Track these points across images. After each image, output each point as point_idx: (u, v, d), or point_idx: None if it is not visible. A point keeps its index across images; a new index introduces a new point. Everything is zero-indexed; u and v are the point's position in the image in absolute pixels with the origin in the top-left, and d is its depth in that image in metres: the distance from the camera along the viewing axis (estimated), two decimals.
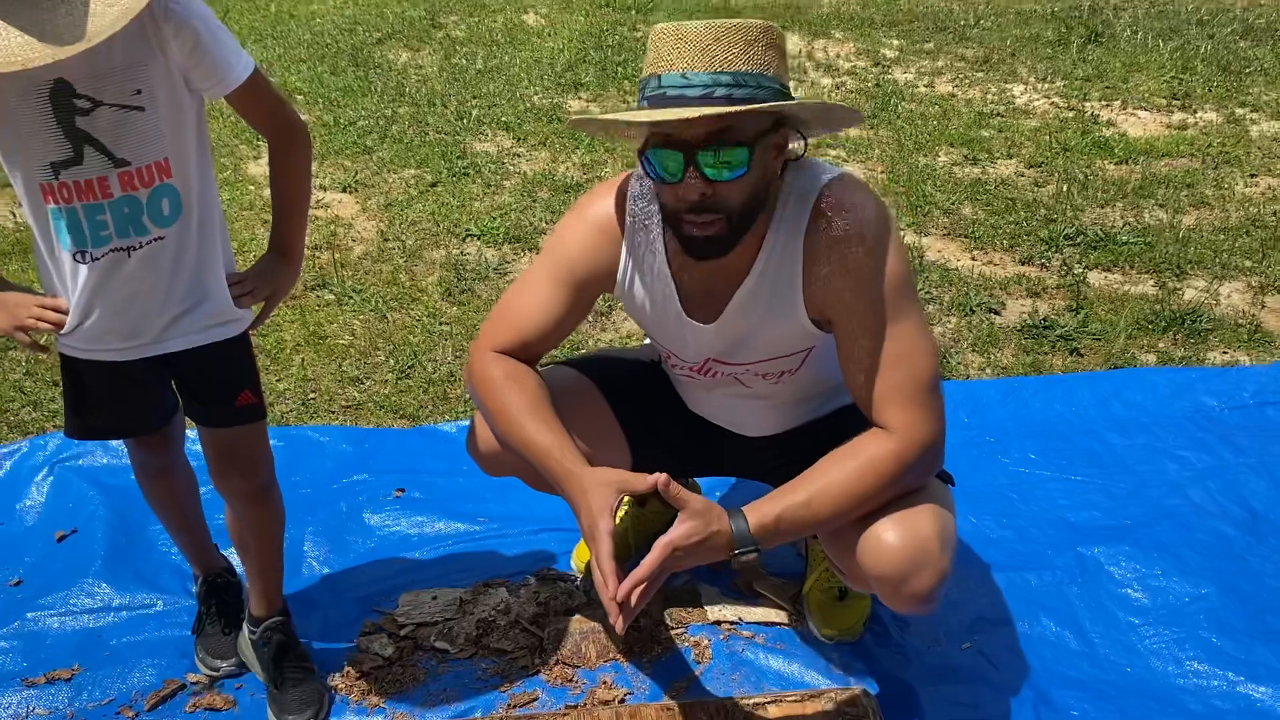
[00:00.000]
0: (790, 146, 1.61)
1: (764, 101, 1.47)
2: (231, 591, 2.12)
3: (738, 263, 1.65)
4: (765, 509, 1.62)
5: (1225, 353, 3.07)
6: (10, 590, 2.23)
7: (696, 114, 1.42)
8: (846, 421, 1.74)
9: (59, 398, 2.84)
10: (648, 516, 2.28)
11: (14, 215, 3.86)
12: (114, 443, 1.98)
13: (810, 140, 1.63)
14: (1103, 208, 3.94)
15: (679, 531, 1.58)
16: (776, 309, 1.68)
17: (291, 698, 1.93)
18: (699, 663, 2.04)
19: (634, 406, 1.96)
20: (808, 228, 1.61)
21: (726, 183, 1.51)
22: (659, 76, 1.48)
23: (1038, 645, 2.08)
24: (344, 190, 4.07)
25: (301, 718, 1.91)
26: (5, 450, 2.60)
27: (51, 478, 2.52)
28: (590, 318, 3.23)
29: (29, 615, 2.15)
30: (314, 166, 4.23)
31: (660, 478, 1.58)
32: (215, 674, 2.02)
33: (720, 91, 1.45)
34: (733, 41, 1.46)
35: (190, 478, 2.06)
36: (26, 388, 2.90)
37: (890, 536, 1.63)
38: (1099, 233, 3.71)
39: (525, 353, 1.80)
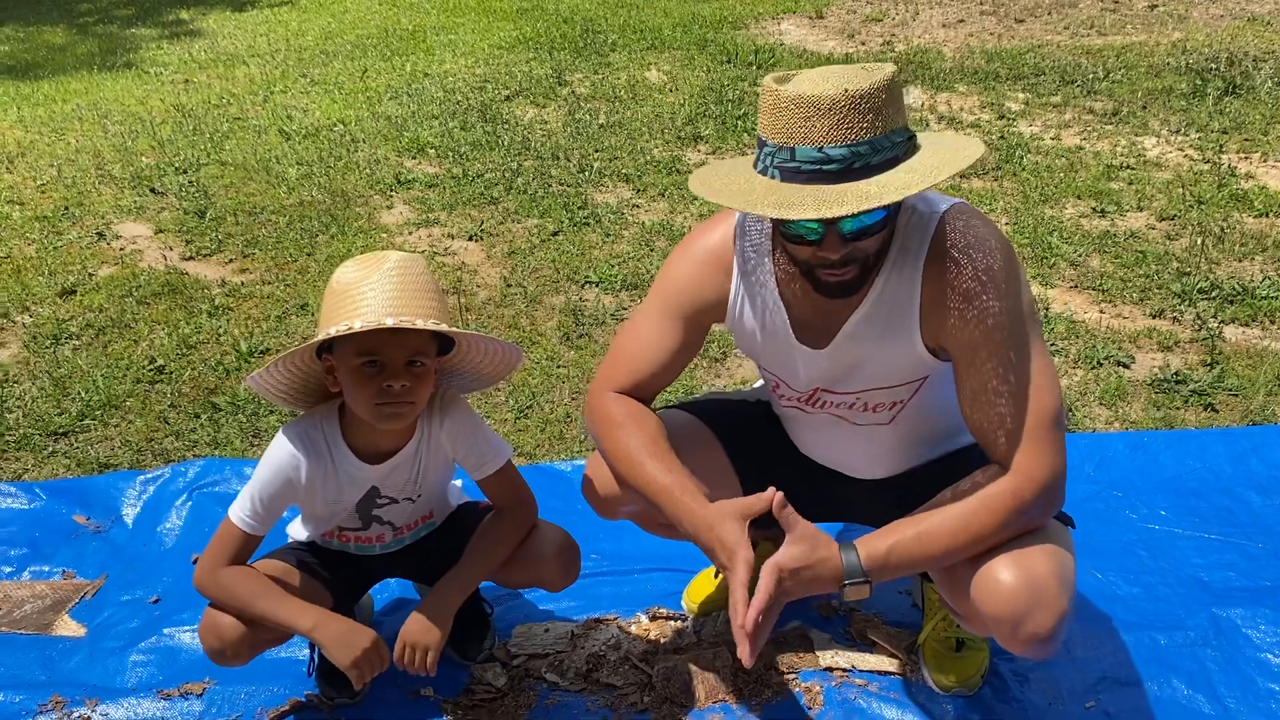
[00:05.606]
0: None
1: (898, 156, 1.47)
2: None
3: None
4: (876, 542, 1.60)
5: None
6: (150, 607, 2.35)
7: (852, 209, 1.40)
8: (961, 465, 1.72)
9: (199, 429, 3.00)
10: (759, 556, 2.26)
11: (164, 258, 4.10)
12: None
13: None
14: (1240, 261, 3.79)
15: (785, 554, 1.59)
16: (891, 336, 1.67)
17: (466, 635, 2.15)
18: (810, 708, 2.01)
19: (747, 449, 1.97)
20: (927, 255, 1.61)
21: (864, 240, 1.53)
22: (792, 149, 1.45)
23: (1168, 708, 1.98)
24: (470, 239, 4.21)
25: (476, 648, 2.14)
26: (150, 476, 2.75)
27: (190, 503, 2.65)
28: (704, 364, 3.25)
29: (165, 631, 2.26)
30: (443, 215, 4.41)
31: (776, 497, 1.59)
32: (330, 703, 2.07)
33: (859, 163, 1.44)
34: (865, 111, 1.42)
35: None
36: (170, 418, 3.06)
37: (1005, 575, 1.60)
38: (1236, 286, 3.56)
39: (641, 390, 1.82)
